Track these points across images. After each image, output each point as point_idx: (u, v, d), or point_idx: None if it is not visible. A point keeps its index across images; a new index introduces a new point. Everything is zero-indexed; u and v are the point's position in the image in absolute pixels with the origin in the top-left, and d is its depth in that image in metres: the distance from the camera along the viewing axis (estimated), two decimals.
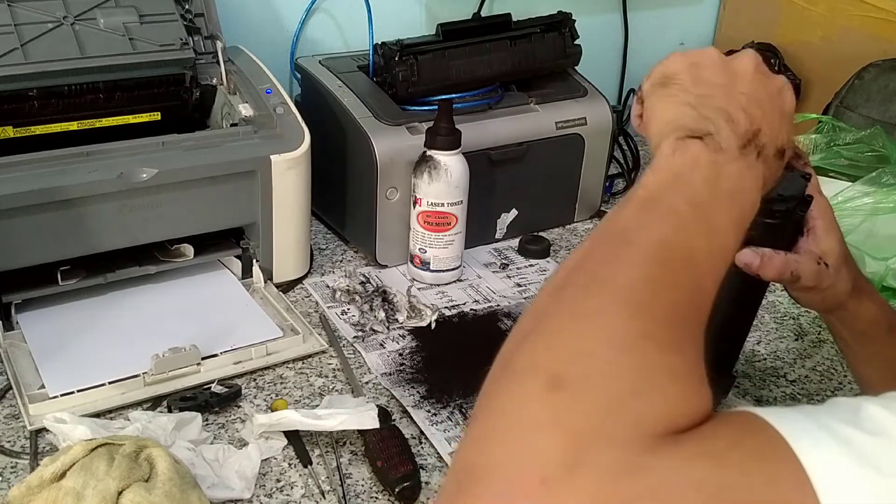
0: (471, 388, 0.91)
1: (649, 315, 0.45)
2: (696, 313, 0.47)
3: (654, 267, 0.48)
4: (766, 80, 0.59)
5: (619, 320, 0.44)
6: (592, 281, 0.47)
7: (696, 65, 0.59)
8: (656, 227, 0.50)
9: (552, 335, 0.44)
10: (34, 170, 0.89)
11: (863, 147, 1.31)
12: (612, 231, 0.51)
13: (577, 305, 0.45)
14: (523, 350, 0.44)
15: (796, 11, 1.57)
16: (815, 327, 1.07)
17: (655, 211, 0.51)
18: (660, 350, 0.43)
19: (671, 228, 0.50)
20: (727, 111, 0.56)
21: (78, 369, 0.88)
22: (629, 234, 0.50)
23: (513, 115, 1.20)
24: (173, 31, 1.05)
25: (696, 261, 0.49)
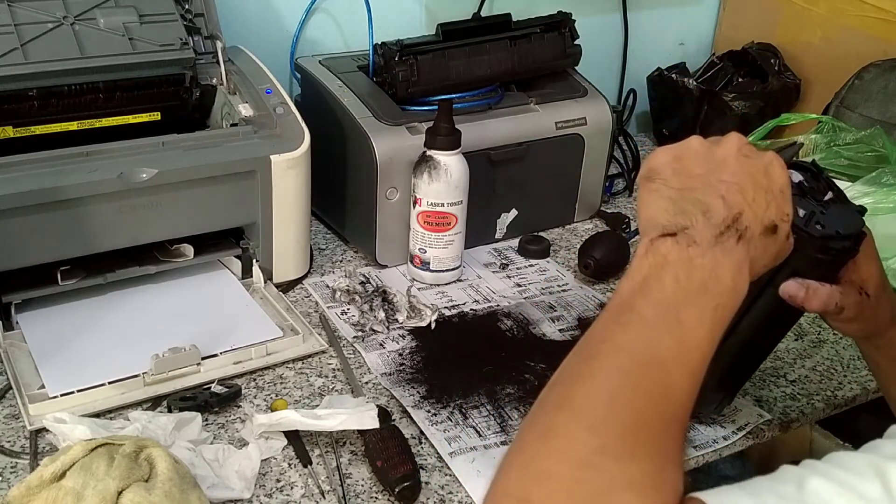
0: (471, 388, 0.91)
1: (607, 429, 0.49)
2: (660, 416, 0.51)
3: (614, 379, 0.52)
4: (750, 162, 0.60)
5: (578, 437, 0.49)
6: (559, 399, 0.52)
7: (678, 157, 0.61)
8: (621, 337, 0.54)
9: (522, 457, 0.50)
10: (34, 170, 0.89)
11: (863, 147, 1.31)
12: (583, 345, 0.56)
13: (544, 426, 0.51)
14: (500, 473, 0.50)
15: (796, 11, 1.57)
16: (815, 327, 1.07)
17: (622, 319, 0.55)
18: (617, 461, 0.48)
19: (636, 336, 0.54)
20: (704, 202, 0.58)
21: (78, 369, 0.88)
22: (595, 348, 0.55)
23: (513, 115, 1.20)
24: (173, 31, 1.05)
25: (662, 363, 0.53)
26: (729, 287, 0.56)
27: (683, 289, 0.55)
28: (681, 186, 0.59)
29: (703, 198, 0.58)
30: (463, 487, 0.78)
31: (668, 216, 0.58)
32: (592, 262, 1.13)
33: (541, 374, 0.94)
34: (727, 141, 0.61)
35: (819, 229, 0.67)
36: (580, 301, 1.09)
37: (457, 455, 0.82)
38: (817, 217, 0.67)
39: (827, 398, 0.94)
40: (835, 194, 0.70)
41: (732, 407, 0.90)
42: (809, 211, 0.67)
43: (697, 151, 0.61)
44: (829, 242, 0.67)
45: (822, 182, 0.70)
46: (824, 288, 0.68)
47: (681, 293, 0.55)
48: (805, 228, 0.67)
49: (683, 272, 0.55)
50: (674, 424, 0.52)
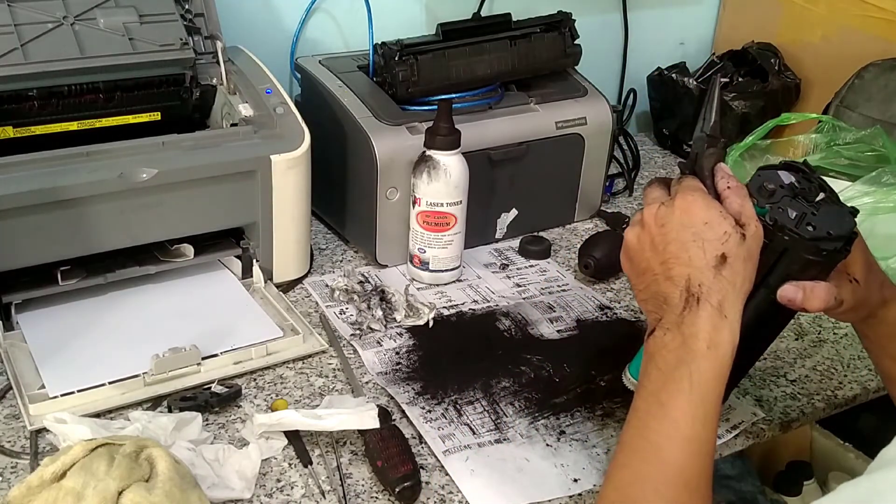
0: (466, 383, 0.91)
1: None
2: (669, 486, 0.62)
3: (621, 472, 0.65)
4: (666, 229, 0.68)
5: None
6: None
7: (630, 259, 0.72)
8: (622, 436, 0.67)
9: None
10: (34, 170, 0.89)
11: (863, 147, 1.31)
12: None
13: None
14: None
15: (796, 11, 1.57)
16: (814, 327, 1.07)
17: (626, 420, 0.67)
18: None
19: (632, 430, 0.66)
20: (661, 293, 0.68)
21: (78, 369, 0.88)
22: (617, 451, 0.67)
23: (513, 115, 1.20)
24: (173, 31, 1.05)
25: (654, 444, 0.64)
26: (703, 349, 0.64)
27: (663, 373, 0.65)
28: (643, 287, 0.70)
29: (658, 289, 0.68)
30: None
31: (649, 314, 0.69)
32: (592, 262, 1.13)
33: (537, 367, 0.94)
34: (645, 218, 0.70)
35: (810, 230, 0.67)
36: (579, 301, 1.10)
37: (451, 454, 0.82)
38: (808, 218, 0.67)
39: (827, 398, 0.94)
40: (827, 195, 0.69)
41: (727, 405, 0.90)
42: (800, 212, 0.67)
43: (635, 247, 0.71)
44: (820, 244, 0.67)
45: (813, 182, 0.70)
46: (820, 286, 0.68)
47: (661, 378, 0.65)
48: (796, 230, 0.66)
49: (661, 359, 0.65)
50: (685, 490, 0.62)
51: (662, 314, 0.67)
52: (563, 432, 0.85)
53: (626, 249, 0.72)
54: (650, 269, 0.69)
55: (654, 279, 0.68)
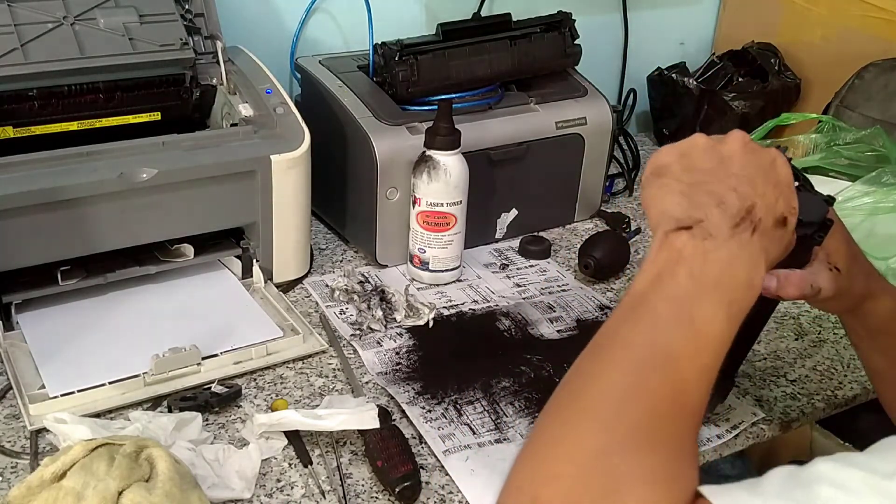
0: (466, 383, 0.91)
1: (617, 426, 0.50)
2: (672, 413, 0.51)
3: (625, 376, 0.52)
4: (756, 156, 0.60)
5: (588, 437, 0.50)
6: (570, 398, 0.53)
7: (685, 154, 0.61)
8: (633, 334, 0.54)
9: (534, 458, 0.51)
10: (34, 170, 0.89)
11: (863, 147, 1.31)
12: (596, 341, 0.56)
13: (556, 428, 0.52)
14: (514, 470, 0.51)
15: (796, 11, 1.57)
16: (815, 327, 1.07)
17: (635, 316, 0.55)
18: (627, 458, 0.48)
19: (647, 331, 0.54)
20: (718, 194, 0.58)
21: (78, 369, 0.88)
22: (608, 346, 0.55)
23: (513, 115, 1.20)
24: (173, 31, 1.05)
25: (673, 359, 0.53)
26: (743, 282, 0.56)
27: (697, 284, 0.55)
28: (691, 181, 0.59)
29: (717, 190, 0.58)
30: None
31: (682, 209, 0.58)
32: (592, 262, 1.13)
33: (537, 367, 0.94)
34: (731, 137, 0.61)
35: None
36: (579, 301, 1.10)
37: (451, 453, 0.82)
38: None
39: (827, 398, 0.94)
40: (801, 183, 0.70)
41: (727, 405, 0.90)
42: None
43: (703, 147, 0.61)
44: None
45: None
46: (795, 274, 0.68)
47: (694, 288, 0.55)
48: None
49: (698, 267, 0.55)
50: (686, 420, 0.52)
51: (707, 217, 0.57)
52: None
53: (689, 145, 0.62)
54: (714, 172, 0.59)
55: (713, 181, 0.59)
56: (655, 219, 0.60)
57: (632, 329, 0.55)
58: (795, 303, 1.11)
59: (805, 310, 1.10)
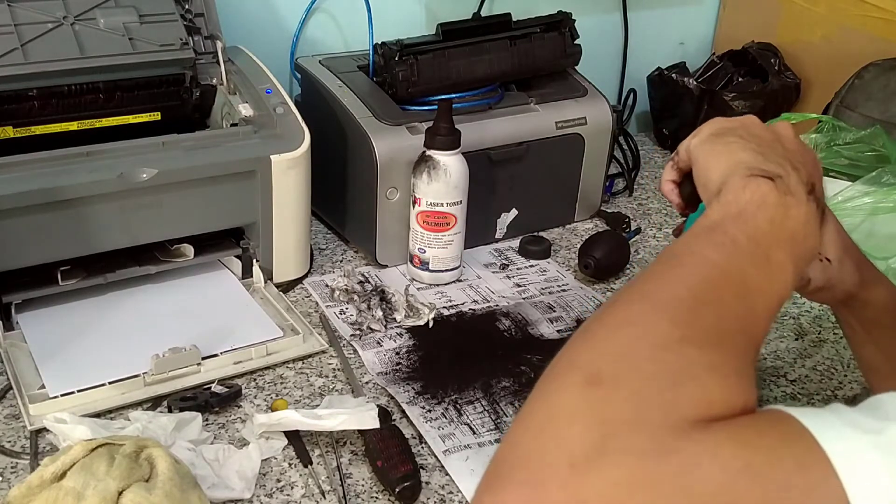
0: (466, 383, 0.91)
1: (690, 325, 0.47)
2: (742, 333, 0.49)
3: (701, 285, 0.50)
4: (803, 146, 0.63)
5: (659, 326, 0.47)
6: (639, 294, 0.50)
7: (744, 124, 0.63)
8: (711, 253, 0.52)
9: (594, 339, 0.47)
10: (34, 170, 0.89)
11: (863, 147, 1.31)
12: (667, 254, 0.54)
13: (621, 314, 0.48)
14: (566, 352, 0.46)
15: (796, 11, 1.57)
16: (815, 327, 1.07)
17: (714, 239, 0.53)
18: (700, 351, 0.45)
19: (726, 255, 0.52)
20: (790, 161, 0.58)
21: (78, 369, 0.88)
22: (682, 257, 0.53)
23: (513, 115, 1.20)
24: (173, 31, 1.05)
25: (748, 287, 0.51)
26: (812, 246, 0.56)
27: (776, 232, 0.54)
28: (760, 143, 0.59)
29: (787, 157, 0.58)
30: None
31: (761, 162, 0.57)
32: (592, 262, 1.13)
33: (537, 367, 0.94)
34: (781, 124, 0.63)
35: None
36: (580, 301, 1.10)
37: (451, 453, 0.82)
38: None
39: (827, 398, 0.94)
40: None
41: None
42: None
43: (759, 124, 0.63)
44: None
45: None
46: None
47: (773, 235, 0.54)
48: None
49: (779, 217, 0.54)
50: (751, 345, 0.50)
51: (785, 175, 0.56)
52: None
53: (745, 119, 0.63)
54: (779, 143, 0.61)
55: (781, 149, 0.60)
56: (728, 168, 0.58)
57: (710, 250, 0.53)
58: (795, 302, 1.11)
59: (805, 310, 1.10)
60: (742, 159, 0.58)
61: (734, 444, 0.40)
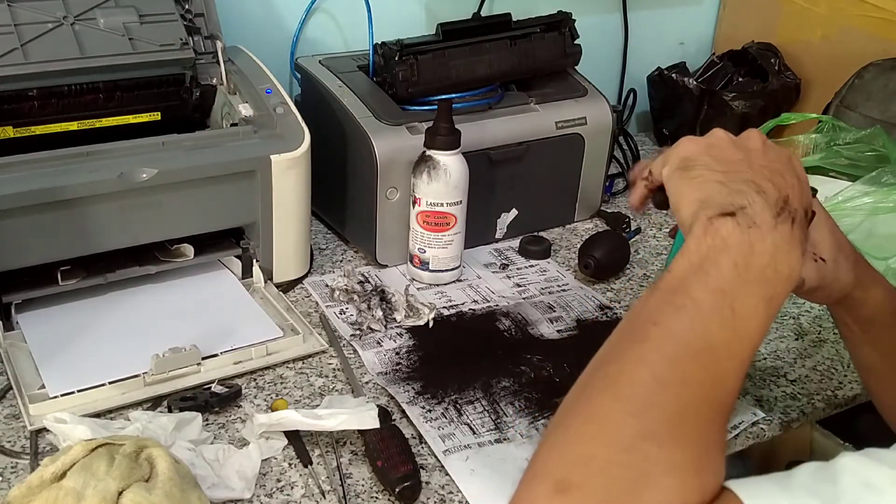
0: (466, 383, 0.91)
1: (651, 415, 0.49)
2: (707, 404, 0.50)
3: (662, 366, 0.51)
4: (776, 152, 0.61)
5: (622, 421, 0.49)
6: (604, 382, 0.51)
7: (711, 146, 0.61)
8: (672, 322, 0.53)
9: (563, 439, 0.49)
10: (34, 170, 0.89)
11: (863, 147, 1.31)
12: (633, 323, 0.55)
13: (587, 409, 0.51)
14: (538, 455, 0.49)
15: (796, 11, 1.57)
16: (815, 327, 1.07)
17: (675, 302, 0.53)
18: (660, 446, 0.48)
19: (688, 321, 0.52)
20: (756, 183, 0.57)
21: (78, 369, 0.88)
22: (644, 330, 0.53)
23: (513, 115, 1.20)
24: (173, 31, 1.05)
25: (712, 351, 0.51)
26: (785, 276, 0.55)
27: (741, 275, 0.54)
28: (726, 170, 0.59)
29: (754, 178, 0.57)
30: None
31: (724, 196, 0.57)
32: (592, 262, 1.13)
33: (537, 367, 0.94)
34: (750, 134, 0.62)
35: None
36: (579, 301, 1.10)
37: (451, 453, 0.82)
38: None
39: (827, 398, 0.94)
40: None
41: None
42: None
43: (727, 141, 0.61)
44: None
45: None
46: None
47: (738, 280, 0.53)
48: None
49: (742, 258, 0.54)
50: (720, 412, 0.51)
51: (750, 204, 0.55)
52: None
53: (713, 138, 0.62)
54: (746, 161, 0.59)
55: (748, 170, 0.59)
56: (693, 207, 0.58)
57: (671, 316, 0.53)
58: (795, 302, 1.11)
59: (805, 310, 1.10)
60: (706, 198, 0.58)
61: None
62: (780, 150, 0.61)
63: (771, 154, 0.60)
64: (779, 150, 0.61)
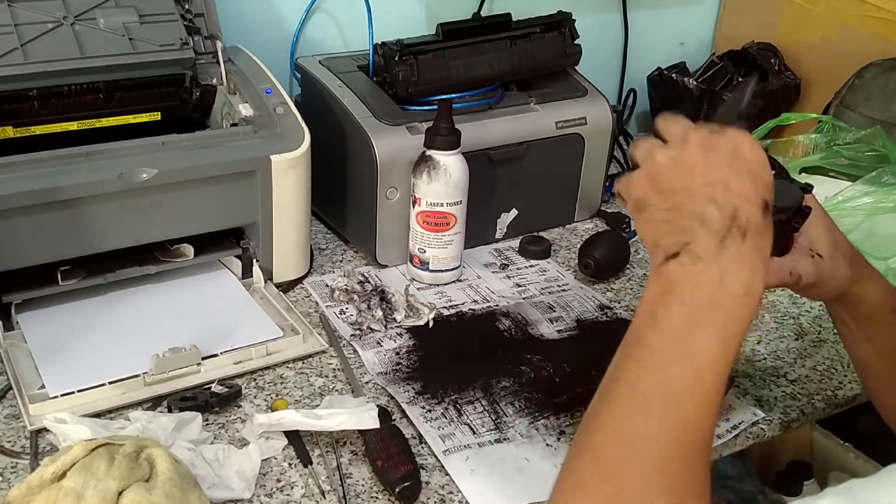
0: (466, 383, 0.91)
1: (623, 476, 0.51)
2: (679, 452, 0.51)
3: (627, 422, 0.53)
4: (718, 153, 0.58)
5: (601, 487, 0.51)
6: (585, 447, 0.54)
7: (654, 179, 0.60)
8: (632, 375, 0.54)
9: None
10: (34, 170, 0.89)
11: (863, 147, 1.31)
12: (603, 386, 0.56)
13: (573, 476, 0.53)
14: None
15: (796, 11, 1.57)
16: (815, 327, 1.07)
17: (634, 355, 0.55)
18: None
19: (647, 372, 0.54)
20: (698, 213, 0.57)
21: (78, 369, 0.88)
22: (612, 389, 0.55)
23: (513, 115, 1.20)
24: (173, 31, 1.05)
25: (675, 396, 0.52)
26: (740, 295, 0.55)
27: (690, 311, 0.54)
28: (670, 206, 0.58)
29: (694, 209, 0.57)
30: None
31: (670, 236, 0.57)
32: (592, 262, 1.13)
33: (537, 367, 0.94)
34: (690, 142, 0.60)
35: None
36: (579, 301, 1.10)
37: (451, 453, 0.82)
38: None
39: (827, 398, 0.94)
40: (776, 170, 0.70)
41: (727, 405, 0.90)
42: None
43: (667, 165, 0.60)
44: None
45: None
46: (773, 262, 0.68)
47: (688, 317, 0.54)
48: None
49: (689, 293, 0.54)
50: (697, 453, 0.52)
51: (693, 238, 0.56)
52: (563, 432, 0.85)
53: (653, 166, 0.60)
54: (687, 189, 0.58)
55: (689, 199, 0.57)
56: (649, 252, 0.60)
57: (630, 370, 0.54)
58: (795, 302, 1.11)
59: (805, 310, 1.10)
60: (654, 242, 0.59)
61: None
62: (723, 145, 0.59)
63: (714, 160, 0.58)
64: (721, 149, 0.59)
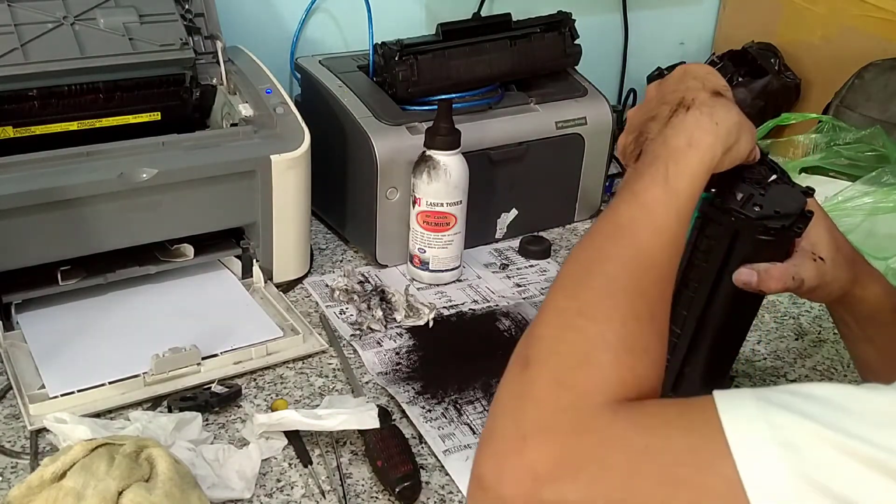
0: (466, 383, 0.91)
1: (582, 293, 0.56)
2: (633, 279, 0.56)
3: (587, 252, 0.59)
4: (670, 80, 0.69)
5: (561, 304, 0.56)
6: (557, 276, 0.59)
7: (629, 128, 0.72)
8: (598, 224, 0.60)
9: (531, 325, 0.56)
10: (34, 170, 0.89)
11: (863, 147, 1.31)
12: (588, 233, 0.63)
13: (546, 302, 0.57)
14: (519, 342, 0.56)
15: (796, 11, 1.57)
16: (815, 327, 1.07)
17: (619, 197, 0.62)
18: (594, 323, 0.53)
19: (604, 217, 0.60)
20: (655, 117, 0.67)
21: (78, 369, 0.88)
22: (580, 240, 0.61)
23: (513, 115, 1.20)
24: (173, 31, 1.05)
25: (623, 227, 0.58)
26: (682, 146, 0.61)
27: (638, 170, 0.62)
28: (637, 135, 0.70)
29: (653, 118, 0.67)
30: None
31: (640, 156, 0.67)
32: None
33: None
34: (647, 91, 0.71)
35: (756, 210, 0.67)
36: None
37: (451, 453, 0.82)
38: (755, 199, 0.68)
39: None
40: (779, 176, 0.70)
41: None
42: (747, 193, 0.68)
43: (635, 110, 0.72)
44: (766, 223, 0.67)
45: (765, 164, 0.71)
46: (776, 268, 0.69)
47: (635, 173, 0.62)
48: (741, 210, 0.68)
49: (642, 164, 0.62)
50: (646, 277, 0.56)
51: (649, 134, 0.67)
52: None
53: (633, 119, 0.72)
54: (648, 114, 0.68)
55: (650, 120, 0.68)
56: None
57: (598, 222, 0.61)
58: (795, 302, 1.11)
59: (805, 310, 1.10)
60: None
61: (636, 429, 0.48)
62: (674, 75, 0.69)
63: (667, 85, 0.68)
64: (673, 77, 0.68)
